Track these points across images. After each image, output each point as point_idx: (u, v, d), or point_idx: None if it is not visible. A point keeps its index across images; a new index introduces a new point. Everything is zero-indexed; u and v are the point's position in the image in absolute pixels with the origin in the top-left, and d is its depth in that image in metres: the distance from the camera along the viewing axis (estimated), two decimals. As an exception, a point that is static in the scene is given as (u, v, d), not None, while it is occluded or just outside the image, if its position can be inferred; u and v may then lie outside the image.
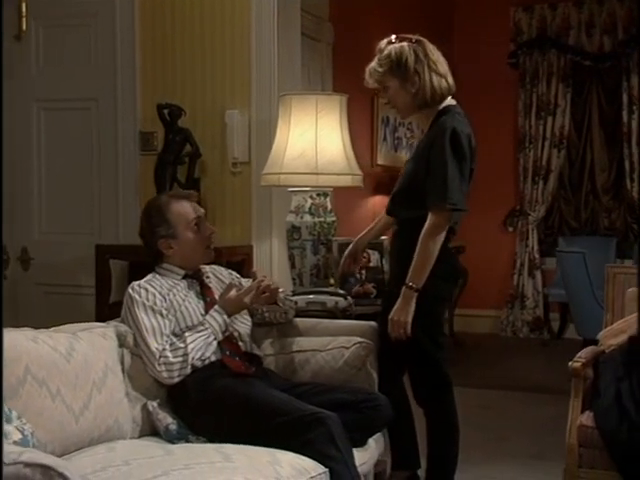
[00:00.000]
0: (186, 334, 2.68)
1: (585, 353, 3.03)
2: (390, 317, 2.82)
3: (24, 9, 4.15)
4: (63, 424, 2.30)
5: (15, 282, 4.18)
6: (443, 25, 7.35)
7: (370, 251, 3.55)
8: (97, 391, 2.46)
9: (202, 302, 2.83)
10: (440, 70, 2.85)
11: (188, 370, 2.65)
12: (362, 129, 5.83)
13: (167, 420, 2.59)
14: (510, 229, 7.40)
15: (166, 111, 3.91)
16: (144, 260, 3.92)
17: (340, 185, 3.58)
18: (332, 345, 2.92)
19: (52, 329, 2.52)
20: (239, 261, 3.96)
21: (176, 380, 2.65)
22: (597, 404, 2.87)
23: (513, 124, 7.35)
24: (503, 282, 7.36)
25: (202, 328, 2.71)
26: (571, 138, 7.25)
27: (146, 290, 2.76)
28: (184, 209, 2.85)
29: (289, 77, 4.10)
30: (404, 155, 6.29)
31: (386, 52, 2.85)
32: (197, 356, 2.66)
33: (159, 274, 2.86)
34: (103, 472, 2.18)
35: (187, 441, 2.57)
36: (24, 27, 4.17)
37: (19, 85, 4.16)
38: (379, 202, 5.98)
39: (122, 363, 2.64)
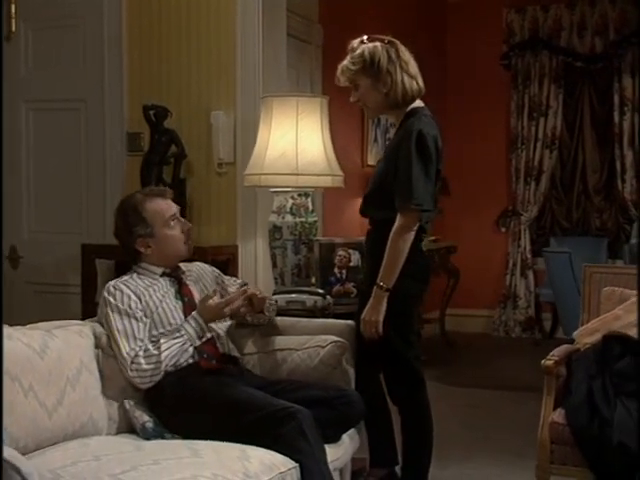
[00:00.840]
0: (161, 340, 2.68)
1: (559, 351, 3.07)
2: (362, 317, 2.88)
3: (13, 10, 4.21)
4: (36, 420, 2.34)
5: (4, 281, 4.24)
6: (436, 27, 7.39)
7: (351, 251, 3.59)
8: (71, 388, 2.49)
9: (180, 302, 2.84)
10: (411, 71, 2.89)
11: (159, 377, 2.67)
12: (352, 130, 5.87)
13: (143, 418, 2.63)
14: (503, 229, 7.43)
15: (152, 112, 3.95)
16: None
17: (320, 185, 3.63)
18: (308, 344, 2.96)
19: (28, 326, 2.56)
20: (224, 260, 4.00)
21: (147, 385, 2.67)
22: (568, 401, 2.91)
23: (505, 125, 7.39)
24: (496, 282, 7.40)
25: (178, 335, 2.70)
26: (563, 139, 7.29)
27: (121, 292, 2.75)
28: (160, 207, 2.87)
29: (274, 79, 4.14)
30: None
31: (359, 51, 2.88)
32: (171, 363, 2.68)
33: (137, 273, 2.88)
34: (72, 467, 2.21)
35: (163, 439, 2.60)
36: (13, 28, 4.22)
37: (8, 86, 4.21)
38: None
39: (98, 361, 2.68)
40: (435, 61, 7.30)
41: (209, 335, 2.79)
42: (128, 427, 2.68)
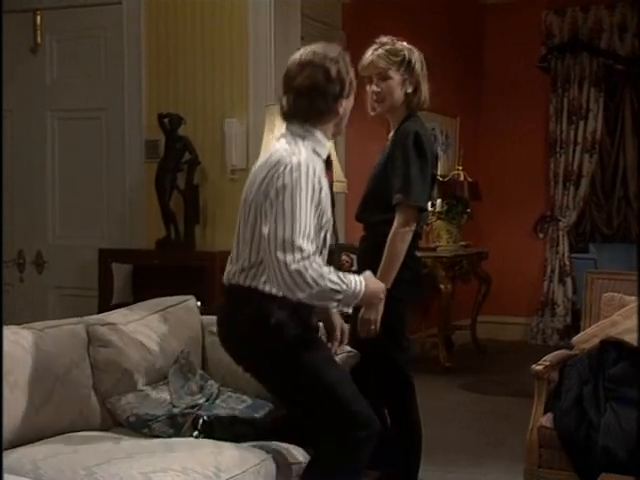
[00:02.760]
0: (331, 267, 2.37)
1: (552, 357, 3.05)
2: (360, 315, 2.89)
3: (39, 22, 4.39)
4: (21, 415, 2.45)
5: (31, 285, 4.42)
6: (471, 30, 7.35)
7: (353, 256, 3.63)
8: (60, 385, 2.60)
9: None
10: (428, 84, 3.01)
11: (303, 295, 2.30)
12: (375, 137, 5.87)
13: (126, 413, 2.72)
14: (540, 235, 7.33)
15: (166, 120, 4.07)
16: (147, 264, 4.13)
17: (322, 191, 3.66)
18: None
19: (22, 325, 2.68)
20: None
21: (291, 291, 2.31)
22: (557, 406, 2.90)
23: (544, 129, 7.29)
24: (533, 289, 7.29)
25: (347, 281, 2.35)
26: (603, 143, 7.15)
27: (319, 181, 2.38)
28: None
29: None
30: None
31: (398, 46, 2.97)
32: (319, 295, 2.31)
33: (316, 152, 2.46)
34: (53, 458, 2.33)
35: (149, 429, 2.67)
36: (39, 40, 4.40)
37: (35, 95, 4.40)
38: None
39: (90, 358, 2.78)
40: (471, 65, 7.26)
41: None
42: (117, 422, 2.75)
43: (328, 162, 2.56)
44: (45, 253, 4.43)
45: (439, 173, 3.39)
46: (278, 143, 2.51)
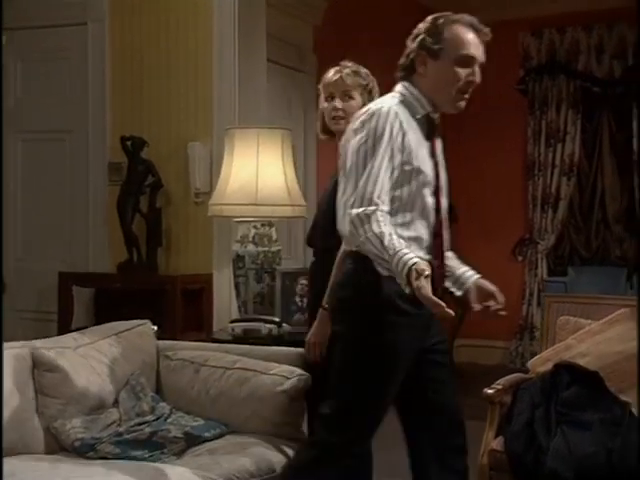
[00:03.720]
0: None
1: (505, 380, 3.03)
2: (307, 339, 2.88)
3: (3, 42, 4.38)
4: (-41, 440, 2.41)
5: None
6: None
7: (310, 279, 3.60)
8: None
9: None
10: None
11: (366, 247, 2.16)
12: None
13: (71, 438, 2.68)
14: (519, 258, 7.30)
15: (129, 143, 4.07)
16: (108, 287, 4.11)
17: (280, 216, 3.66)
18: (275, 371, 2.98)
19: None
20: (198, 289, 4.07)
21: (350, 243, 2.25)
22: (508, 429, 2.88)
23: (522, 151, 7.28)
24: (512, 312, 7.24)
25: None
26: (581, 165, 7.13)
27: (404, 134, 2.25)
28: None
29: (252, 110, 4.20)
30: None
31: (362, 71, 2.95)
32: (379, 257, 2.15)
33: (404, 103, 2.33)
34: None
35: (94, 451, 2.63)
36: (3, 60, 4.40)
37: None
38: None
39: (35, 383, 2.74)
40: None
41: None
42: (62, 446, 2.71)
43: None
44: (6, 275, 4.40)
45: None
46: None
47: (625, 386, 2.91)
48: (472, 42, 2.32)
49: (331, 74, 2.96)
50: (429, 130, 2.34)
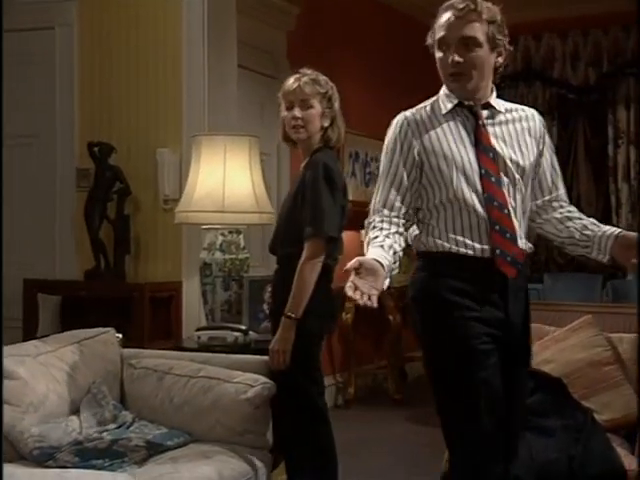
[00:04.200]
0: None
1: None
2: (270, 347, 2.87)
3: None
4: None
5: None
6: (422, 59, 7.33)
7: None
8: (-47, 420, 2.52)
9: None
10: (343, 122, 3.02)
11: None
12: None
13: (29, 447, 2.64)
14: (496, 264, 7.29)
15: (96, 149, 4.03)
16: (75, 295, 4.06)
17: (247, 223, 3.64)
18: (239, 379, 2.96)
19: None
20: (167, 297, 4.03)
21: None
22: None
23: (498, 158, 7.29)
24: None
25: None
26: (557, 172, 7.15)
27: (411, 142, 2.29)
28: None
29: (222, 116, 4.17)
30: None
31: (322, 79, 2.96)
32: None
33: (434, 103, 2.38)
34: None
35: (54, 460, 2.60)
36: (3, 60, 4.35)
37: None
38: (348, 238, 5.97)
39: (-7, 392, 2.71)
40: (419, 93, 7.25)
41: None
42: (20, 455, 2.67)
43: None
44: (-28, 283, 4.34)
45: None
46: None
47: (588, 392, 2.91)
48: (443, 24, 2.26)
49: (290, 82, 2.97)
50: (470, 119, 2.29)
